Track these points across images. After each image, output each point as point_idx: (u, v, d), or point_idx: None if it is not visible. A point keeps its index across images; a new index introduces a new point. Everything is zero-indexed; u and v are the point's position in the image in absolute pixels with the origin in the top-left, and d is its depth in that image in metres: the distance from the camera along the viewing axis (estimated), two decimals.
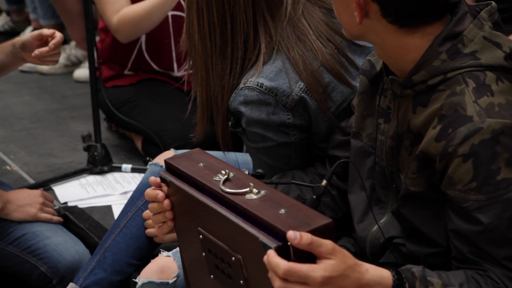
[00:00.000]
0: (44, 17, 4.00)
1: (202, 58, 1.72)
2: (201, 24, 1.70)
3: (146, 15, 2.70)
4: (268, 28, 1.68)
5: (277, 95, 1.65)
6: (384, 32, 1.35)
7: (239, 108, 1.67)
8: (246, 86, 1.66)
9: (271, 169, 1.73)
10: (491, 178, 1.28)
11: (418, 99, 1.38)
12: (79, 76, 3.76)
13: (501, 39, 1.36)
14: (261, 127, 1.67)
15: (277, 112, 1.66)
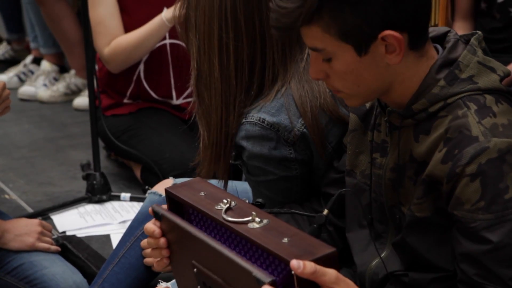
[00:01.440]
0: (44, 46, 4.01)
1: (223, 96, 1.65)
2: (225, 61, 1.64)
3: (139, 45, 2.72)
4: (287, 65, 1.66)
5: (279, 130, 1.64)
6: (406, 65, 1.35)
7: (240, 143, 1.66)
8: (248, 121, 1.64)
9: (271, 202, 1.71)
10: (499, 197, 1.28)
11: (419, 127, 1.38)
12: (79, 105, 3.76)
13: (494, 63, 1.39)
14: (262, 161, 1.66)
15: (279, 147, 1.65)
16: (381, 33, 1.30)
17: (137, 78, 2.88)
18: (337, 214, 1.63)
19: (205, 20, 1.64)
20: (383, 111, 1.44)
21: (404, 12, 1.30)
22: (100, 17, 2.74)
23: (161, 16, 2.66)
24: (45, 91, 3.90)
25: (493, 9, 2.82)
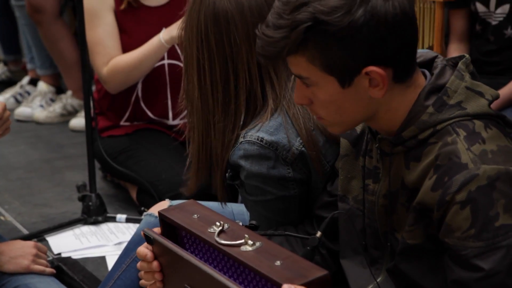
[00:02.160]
0: (41, 67, 4.02)
1: (202, 115, 1.71)
2: (202, 81, 1.69)
3: (138, 65, 2.72)
4: (274, 85, 1.68)
5: (277, 150, 1.64)
6: (391, 97, 1.36)
7: (238, 162, 1.67)
8: (246, 140, 1.65)
9: (269, 222, 1.71)
10: (490, 224, 1.28)
11: (410, 154, 1.38)
12: (75, 126, 3.76)
13: (482, 88, 1.39)
14: (260, 180, 1.66)
15: (277, 166, 1.65)
16: (365, 68, 1.31)
17: (135, 98, 2.89)
18: (330, 237, 1.63)
19: (188, 41, 1.70)
20: (374, 138, 1.44)
21: (389, 49, 1.31)
22: (99, 37, 2.75)
23: (159, 37, 2.67)
24: (41, 112, 3.91)
25: (487, 31, 2.83)
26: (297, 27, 1.29)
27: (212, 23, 1.67)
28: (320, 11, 1.28)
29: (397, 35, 1.30)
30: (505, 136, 1.36)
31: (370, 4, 1.28)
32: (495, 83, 2.77)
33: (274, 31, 1.31)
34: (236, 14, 1.66)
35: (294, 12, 1.29)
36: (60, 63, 3.83)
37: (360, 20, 1.28)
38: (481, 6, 2.82)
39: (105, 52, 2.75)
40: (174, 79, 2.88)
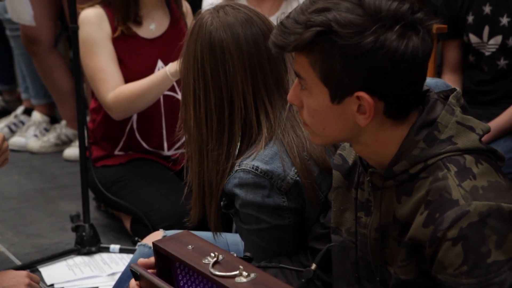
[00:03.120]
0: (35, 97, 4.03)
1: (197, 143, 1.72)
2: (197, 110, 1.70)
3: (142, 94, 2.72)
4: (269, 114, 1.69)
5: (272, 178, 1.64)
6: (380, 128, 1.36)
7: (233, 190, 1.67)
8: (242, 168, 1.66)
9: (264, 252, 1.71)
10: (482, 261, 1.27)
11: (401, 188, 1.38)
12: (69, 155, 3.76)
13: (473, 122, 1.39)
14: (255, 209, 1.66)
15: (272, 195, 1.65)
16: (357, 92, 1.32)
17: (130, 129, 2.89)
18: (325, 269, 1.62)
19: (186, 70, 1.72)
20: (365, 171, 1.44)
21: (387, 84, 1.32)
22: (101, 64, 2.75)
23: (165, 70, 2.67)
24: (35, 142, 3.90)
25: (481, 62, 2.85)
26: (310, 28, 1.31)
27: (208, 52, 1.68)
28: (337, 21, 1.29)
29: (399, 74, 1.31)
30: (496, 171, 1.36)
31: (385, 35, 1.29)
32: (488, 113, 2.79)
33: (291, 23, 1.33)
34: (232, 44, 1.68)
35: (315, 13, 1.31)
36: (54, 93, 3.83)
37: (368, 46, 1.29)
38: (474, 37, 2.84)
39: (108, 78, 2.75)
40: (169, 110, 2.88)
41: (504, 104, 2.77)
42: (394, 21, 1.30)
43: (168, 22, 2.87)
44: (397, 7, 1.31)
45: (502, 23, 2.76)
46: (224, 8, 1.72)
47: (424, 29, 1.32)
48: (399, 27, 1.30)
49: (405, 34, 1.30)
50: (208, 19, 1.70)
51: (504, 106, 2.76)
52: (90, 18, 2.72)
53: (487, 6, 2.78)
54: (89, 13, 2.74)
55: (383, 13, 1.30)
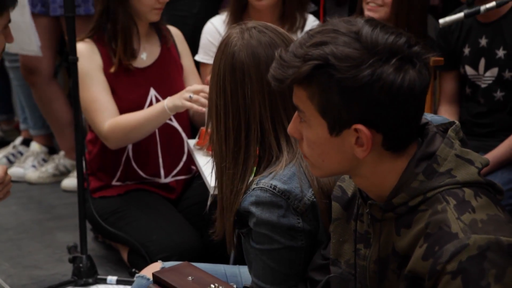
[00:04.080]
0: (34, 128, 4.04)
1: (218, 158, 1.75)
2: (219, 126, 1.74)
3: (139, 126, 2.74)
4: (289, 138, 1.71)
5: (289, 199, 1.66)
6: (379, 161, 1.37)
7: (249, 208, 1.67)
8: (259, 187, 1.67)
9: (273, 273, 1.70)
10: None
11: (400, 221, 1.38)
12: (67, 186, 3.75)
13: (472, 155, 1.40)
14: (269, 228, 1.66)
15: (287, 216, 1.66)
16: (355, 124, 1.33)
17: (126, 158, 2.89)
18: None
19: (211, 86, 1.76)
20: (364, 203, 1.44)
21: (384, 117, 1.33)
22: (94, 95, 2.77)
23: (163, 104, 2.69)
24: (33, 172, 3.90)
25: (477, 94, 2.87)
26: (308, 61, 1.32)
27: (229, 73, 1.72)
28: (334, 54, 1.31)
29: (396, 107, 1.32)
30: (495, 204, 1.36)
31: (382, 68, 1.30)
32: (485, 145, 2.80)
33: (290, 57, 1.35)
34: (252, 68, 1.70)
35: (313, 47, 1.33)
36: (53, 123, 3.84)
37: (365, 79, 1.30)
38: (470, 69, 2.86)
39: (103, 108, 2.76)
40: (164, 137, 2.89)
41: (501, 136, 2.78)
42: (391, 55, 1.31)
43: (159, 50, 2.90)
44: (394, 41, 1.32)
45: (498, 55, 2.78)
46: (250, 30, 1.75)
47: (421, 62, 1.33)
48: (395, 60, 1.31)
49: (402, 68, 1.31)
50: (234, 39, 1.74)
51: (501, 138, 2.77)
52: (81, 51, 2.74)
53: (483, 38, 2.81)
54: (80, 46, 2.76)
55: (380, 46, 1.31)
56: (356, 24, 1.34)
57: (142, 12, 2.77)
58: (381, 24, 1.34)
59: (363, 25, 1.33)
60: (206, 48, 3.10)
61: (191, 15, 3.40)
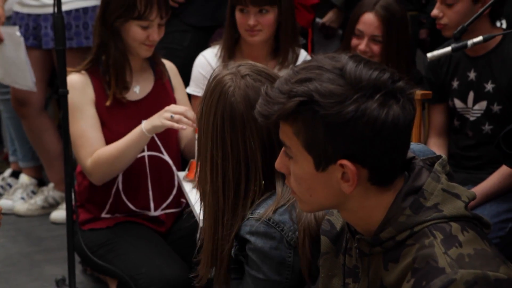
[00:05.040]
0: (23, 160, 4.03)
1: (213, 210, 1.72)
2: (215, 177, 1.71)
3: (121, 155, 2.73)
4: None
5: (283, 230, 1.66)
6: (366, 195, 1.37)
7: (245, 236, 1.68)
8: (253, 217, 1.67)
9: None
10: None
11: (388, 255, 1.38)
12: (56, 218, 3.74)
13: (458, 189, 1.40)
14: (260, 257, 1.67)
15: (280, 248, 1.66)
16: (341, 160, 1.34)
17: (116, 191, 2.88)
18: None
19: (203, 134, 1.73)
20: (353, 237, 1.44)
21: (369, 152, 1.33)
22: (82, 130, 2.77)
23: (141, 127, 2.70)
24: (22, 205, 3.88)
25: (465, 126, 2.88)
26: (293, 97, 1.33)
27: (229, 125, 1.70)
28: (318, 91, 1.32)
29: (380, 142, 1.32)
30: (482, 238, 1.36)
31: (366, 104, 1.31)
32: (474, 177, 2.81)
33: (275, 93, 1.36)
34: (252, 120, 1.68)
35: (297, 83, 1.34)
36: (43, 155, 3.84)
37: (349, 115, 1.31)
38: (459, 102, 2.88)
39: (88, 144, 2.76)
40: (154, 170, 2.89)
41: (489, 169, 2.79)
42: (375, 90, 1.32)
43: (152, 83, 2.91)
44: (377, 76, 1.33)
45: (486, 89, 2.80)
46: (245, 78, 1.72)
47: (405, 97, 1.34)
48: (379, 95, 1.32)
49: (385, 103, 1.32)
50: (230, 87, 1.71)
51: (490, 171, 2.78)
52: (74, 83, 2.75)
53: (472, 72, 2.83)
54: (74, 78, 2.77)
55: (363, 82, 1.32)
56: (340, 60, 1.35)
57: (133, 47, 2.79)
58: (365, 60, 1.35)
59: (347, 61, 1.35)
60: (198, 81, 3.12)
61: (182, 48, 3.43)
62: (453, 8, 2.74)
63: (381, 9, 2.95)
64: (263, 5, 2.98)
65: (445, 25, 2.76)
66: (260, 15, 2.99)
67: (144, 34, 2.75)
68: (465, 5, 2.73)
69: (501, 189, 2.74)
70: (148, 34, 2.76)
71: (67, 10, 3.52)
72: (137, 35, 2.75)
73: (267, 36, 3.03)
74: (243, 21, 3.00)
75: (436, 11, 2.78)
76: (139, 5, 2.72)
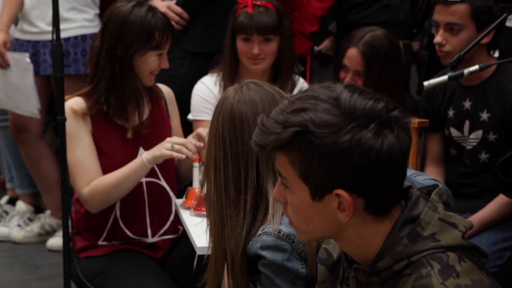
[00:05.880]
0: (20, 187, 4.02)
1: (218, 211, 1.77)
2: (218, 178, 1.78)
3: (120, 184, 2.73)
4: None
5: (294, 242, 1.68)
6: (362, 225, 1.38)
7: (257, 252, 1.69)
8: (264, 232, 1.70)
9: None
10: None
11: (386, 285, 1.38)
12: (53, 245, 3.72)
13: (455, 219, 1.40)
14: (274, 270, 1.68)
15: (291, 260, 1.67)
16: (336, 189, 1.34)
17: (114, 218, 2.88)
18: None
19: (209, 143, 1.82)
20: (350, 266, 1.44)
21: (365, 182, 1.34)
22: (78, 158, 2.77)
23: (142, 157, 2.70)
24: (18, 232, 3.87)
25: (463, 155, 2.89)
26: (288, 128, 1.34)
27: (229, 123, 1.78)
28: (312, 121, 1.33)
29: (376, 172, 1.33)
30: (479, 268, 1.36)
31: (360, 134, 1.32)
32: (472, 205, 2.81)
33: (271, 123, 1.37)
34: (250, 115, 1.77)
35: (293, 113, 1.35)
36: (40, 182, 3.83)
37: (344, 145, 1.31)
38: (455, 131, 2.89)
39: (85, 172, 2.77)
40: (152, 197, 2.89)
41: (487, 197, 2.79)
42: (369, 120, 1.33)
43: (149, 110, 2.91)
44: (372, 106, 1.34)
45: (482, 118, 2.81)
46: (247, 84, 1.83)
47: (400, 126, 1.35)
48: (374, 125, 1.32)
49: (380, 132, 1.32)
50: (232, 94, 1.81)
51: (488, 199, 2.78)
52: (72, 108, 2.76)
53: (467, 101, 2.85)
54: (73, 103, 2.78)
55: (358, 112, 1.33)
56: (335, 90, 1.36)
57: (141, 76, 2.79)
58: (360, 90, 1.36)
59: (342, 90, 1.36)
60: (199, 105, 3.12)
61: (180, 74, 3.44)
62: (457, 35, 2.73)
63: (364, 46, 2.97)
64: (267, 34, 3.01)
65: (448, 52, 2.75)
66: (264, 44, 3.01)
67: (158, 62, 2.78)
68: (470, 33, 2.72)
69: (499, 217, 2.74)
70: (161, 62, 2.78)
71: (66, 37, 3.54)
72: (152, 64, 2.77)
73: (269, 64, 3.05)
74: (246, 49, 3.02)
75: (440, 38, 2.77)
76: (158, 36, 2.74)
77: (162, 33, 2.74)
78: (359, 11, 3.58)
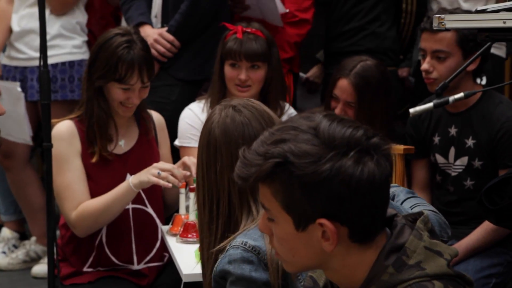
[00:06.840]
0: (5, 213, 4.00)
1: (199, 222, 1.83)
2: (200, 199, 1.82)
3: (107, 209, 2.72)
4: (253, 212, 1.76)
5: (259, 254, 1.68)
6: (347, 253, 1.37)
7: (224, 268, 1.69)
8: (231, 246, 1.70)
9: None
10: None
11: None
12: (37, 272, 3.69)
13: (441, 247, 1.40)
14: (245, 285, 1.67)
15: (259, 270, 1.67)
16: (319, 218, 1.34)
17: (99, 243, 2.86)
18: None
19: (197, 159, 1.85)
20: None
21: (347, 210, 1.33)
22: (67, 182, 2.76)
23: (128, 182, 2.69)
24: (3, 259, 3.84)
25: (447, 182, 2.90)
26: (269, 159, 1.34)
27: (205, 149, 1.81)
28: (292, 152, 1.32)
29: (357, 200, 1.33)
30: None
31: (340, 162, 1.32)
32: (458, 233, 2.82)
33: (252, 155, 1.37)
34: (223, 145, 1.78)
35: (273, 145, 1.35)
36: (26, 208, 3.81)
37: (324, 174, 1.31)
38: (441, 158, 2.91)
39: (73, 196, 2.75)
40: (138, 223, 2.87)
41: (473, 224, 2.80)
42: (349, 148, 1.33)
43: (136, 137, 2.91)
44: (351, 134, 1.34)
45: (467, 144, 2.83)
46: (228, 108, 1.82)
47: (380, 153, 1.35)
48: (354, 153, 1.32)
49: (360, 160, 1.32)
50: (215, 115, 1.82)
51: (473, 226, 2.78)
52: (61, 133, 2.76)
53: (453, 128, 2.86)
54: (61, 128, 2.77)
55: (337, 140, 1.33)
56: (314, 120, 1.36)
57: (112, 106, 2.80)
58: (339, 118, 1.37)
59: (321, 120, 1.36)
60: (186, 132, 3.12)
61: (170, 101, 3.44)
62: (444, 63, 2.76)
63: (355, 77, 2.96)
64: (255, 60, 3.02)
65: (435, 79, 2.77)
66: (252, 70, 3.03)
67: (124, 95, 2.76)
68: (456, 60, 2.75)
69: (485, 244, 2.75)
70: (129, 96, 2.77)
71: (53, 63, 3.54)
72: (116, 96, 2.76)
73: (256, 92, 3.06)
74: (233, 75, 3.03)
75: (427, 66, 2.79)
76: (120, 69, 2.72)
77: (126, 68, 2.71)
78: (346, 38, 3.60)
